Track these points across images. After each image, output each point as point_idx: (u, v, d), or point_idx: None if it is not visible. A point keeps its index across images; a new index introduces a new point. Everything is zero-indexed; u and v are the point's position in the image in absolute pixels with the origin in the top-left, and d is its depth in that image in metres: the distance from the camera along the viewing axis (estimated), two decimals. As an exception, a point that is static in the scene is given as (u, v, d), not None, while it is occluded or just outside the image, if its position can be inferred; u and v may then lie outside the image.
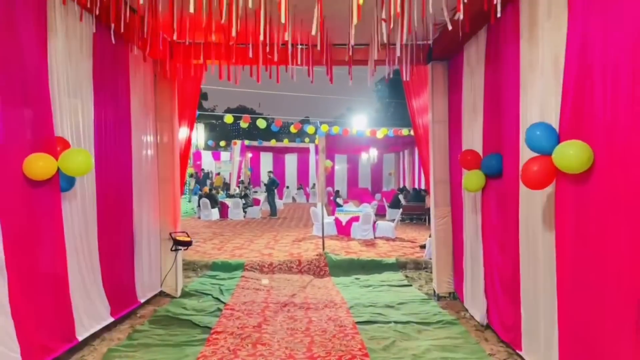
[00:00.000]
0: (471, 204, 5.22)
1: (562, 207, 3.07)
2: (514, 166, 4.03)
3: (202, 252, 9.66)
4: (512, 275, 4.14)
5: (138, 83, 5.61)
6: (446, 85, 6.06)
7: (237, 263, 8.14)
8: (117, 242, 5.10)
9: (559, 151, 2.93)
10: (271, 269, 8.04)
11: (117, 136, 5.08)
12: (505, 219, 4.27)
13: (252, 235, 12.17)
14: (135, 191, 5.50)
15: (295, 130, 13.55)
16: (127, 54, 5.31)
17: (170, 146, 6.12)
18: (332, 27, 5.67)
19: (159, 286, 6.18)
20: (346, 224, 12.27)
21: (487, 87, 4.67)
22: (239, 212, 16.32)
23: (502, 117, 4.30)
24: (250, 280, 7.26)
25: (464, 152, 4.77)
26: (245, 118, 11.68)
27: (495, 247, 4.52)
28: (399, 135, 14.56)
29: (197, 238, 11.69)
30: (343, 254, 9.36)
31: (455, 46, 5.57)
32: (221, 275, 7.60)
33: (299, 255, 9.15)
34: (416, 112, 6.60)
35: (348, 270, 8.05)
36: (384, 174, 27.80)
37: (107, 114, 4.85)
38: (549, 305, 3.42)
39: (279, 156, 27.08)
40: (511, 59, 4.07)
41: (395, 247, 10.26)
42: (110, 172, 4.91)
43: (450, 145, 5.99)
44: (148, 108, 5.92)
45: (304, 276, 7.79)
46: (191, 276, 7.56)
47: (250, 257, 9.07)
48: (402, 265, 8.24)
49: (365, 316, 5.32)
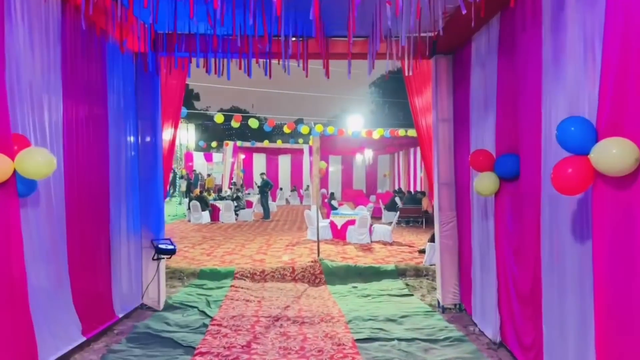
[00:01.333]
0: (481, 209, 4.78)
1: (600, 215, 2.62)
2: (534, 167, 3.59)
3: (190, 258, 9.16)
4: (532, 288, 3.70)
5: (116, 76, 5.12)
6: (451, 81, 5.63)
7: (227, 271, 7.65)
8: (91, 251, 4.60)
9: (598, 150, 2.50)
10: (263, 276, 7.56)
11: (91, 135, 4.59)
12: (524, 226, 3.83)
13: (244, 240, 11.68)
14: (113, 195, 5.00)
15: (289, 131, 13.08)
16: (104, 44, 4.82)
17: (152, 146, 5.63)
18: (328, 17, 5.23)
19: (139, 298, 5.68)
20: (342, 228, 11.81)
21: (501, 81, 4.23)
22: (230, 215, 15.81)
23: (519, 113, 3.87)
24: (240, 290, 6.77)
25: (475, 153, 4.32)
26: (237, 117, 11.19)
27: (510, 256, 4.08)
28: (395, 136, 14.13)
29: (186, 243, 11.20)
30: (339, 259, 8.90)
31: (462, 38, 5.14)
32: (209, 284, 7.10)
33: (293, 261, 8.67)
34: (419, 110, 6.16)
35: (345, 278, 7.59)
36: (378, 175, 27.43)
37: (79, 109, 4.36)
38: (581, 325, 2.98)
39: (272, 157, 26.59)
40: (531, 48, 3.64)
41: (393, 252, 9.82)
42: (83, 173, 4.41)
43: (455, 146, 5.55)
44: (128, 105, 5.42)
45: (298, 285, 7.31)
46: (177, 286, 7.05)
47: (241, 263, 8.59)
48: (402, 273, 7.79)
49: (365, 332, 4.86)
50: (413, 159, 21.68)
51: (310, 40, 5.54)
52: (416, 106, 6.14)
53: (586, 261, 2.88)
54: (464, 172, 5.22)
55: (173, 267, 7.76)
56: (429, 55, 5.73)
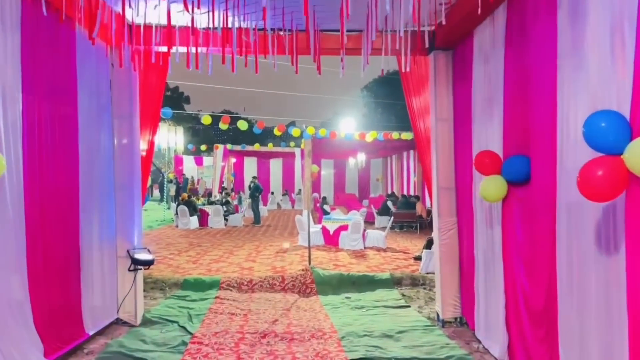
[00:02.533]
0: (485, 215, 4.41)
1: (636, 224, 2.25)
2: (548, 170, 3.22)
3: (174, 266, 8.69)
4: (546, 305, 3.33)
5: (88, 72, 4.68)
6: (451, 78, 5.26)
7: (212, 280, 7.20)
8: (56, 263, 4.14)
9: (634, 150, 2.13)
10: (250, 286, 7.12)
11: (57, 135, 4.14)
12: (535, 236, 3.46)
13: (233, 246, 11.22)
14: (84, 201, 4.56)
15: (280, 133, 12.66)
16: (73, 34, 4.39)
17: (129, 148, 5.19)
18: (318, 9, 4.85)
19: (114, 313, 5.22)
20: (334, 233, 11.41)
21: (508, 75, 3.87)
22: (219, 220, 15.33)
23: (530, 109, 3.50)
24: (225, 302, 6.32)
25: (480, 154, 3.95)
26: (225, 119, 10.77)
27: (520, 268, 3.70)
28: (389, 138, 13.76)
29: (172, 249, 10.73)
30: (331, 267, 8.49)
31: (462, 31, 4.78)
32: (192, 295, 6.65)
33: (283, 270, 8.24)
34: (416, 111, 5.78)
35: (337, 288, 7.18)
36: (371, 179, 27.07)
37: (43, 107, 3.92)
38: (608, 350, 2.60)
39: (264, 161, 26.14)
40: (544, 37, 3.28)
41: (387, 259, 9.43)
42: (47, 178, 3.97)
43: (456, 147, 5.18)
44: (102, 103, 4.99)
45: (287, 295, 6.88)
46: (158, 297, 6.59)
47: (229, 272, 8.14)
48: (398, 282, 7.40)
49: (359, 350, 4.44)
50: (406, 162, 21.36)
51: (300, 34, 5.15)
52: (413, 107, 5.76)
53: (615, 276, 2.51)
54: (466, 175, 4.85)
55: (155, 277, 7.31)
56: (426, 51, 5.37)
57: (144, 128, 5.40)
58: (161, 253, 10.19)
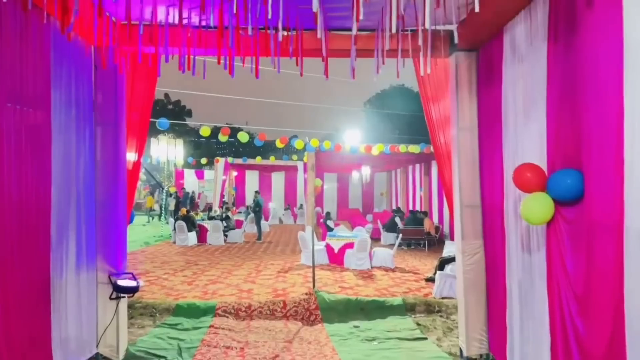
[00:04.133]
0: (521, 238, 3.79)
1: None
2: (610, 187, 2.63)
3: (168, 287, 8.07)
4: (608, 352, 2.70)
5: (66, 74, 4.13)
6: (474, 82, 4.70)
7: (207, 306, 6.56)
8: (19, 289, 3.52)
9: None
10: (249, 313, 6.48)
11: (24, 146, 3.57)
12: (593, 266, 2.84)
13: (231, 265, 10.59)
14: (57, 219, 3.96)
15: (282, 145, 12.11)
16: (48, 32, 3.85)
17: (113, 160, 4.61)
18: (327, 6, 4.33)
19: (93, 347, 4.59)
20: (339, 252, 10.78)
21: (552, 77, 3.29)
22: (219, 237, 14.70)
23: (584, 116, 2.92)
24: (220, 332, 5.68)
25: (521, 168, 3.34)
26: (224, 130, 10.24)
27: (572, 304, 3.08)
28: (396, 152, 13.18)
29: (167, 268, 10.10)
30: (337, 289, 7.86)
31: (489, 29, 4.23)
32: (184, 323, 6.01)
33: (284, 292, 7.61)
34: (435, 120, 5.20)
35: (345, 315, 6.53)
36: (375, 194, 26.45)
37: (4, 112, 3.35)
38: None
39: (265, 175, 25.59)
40: (603, 30, 2.71)
41: (397, 281, 8.78)
42: (9, 193, 3.38)
43: (481, 159, 4.59)
44: (83, 108, 4.43)
45: (290, 323, 6.24)
46: (146, 325, 5.95)
47: (226, 294, 7.52)
48: (411, 308, 6.74)
49: (374, 396, 3.81)
50: (412, 176, 20.78)
51: (305, 33, 4.61)
52: (432, 115, 5.19)
53: None
54: (495, 191, 4.25)
55: (145, 302, 6.68)
56: (447, 53, 4.82)
57: (131, 138, 4.83)
58: (155, 272, 9.57)
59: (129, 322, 5.98)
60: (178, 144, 17.57)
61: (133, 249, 13.47)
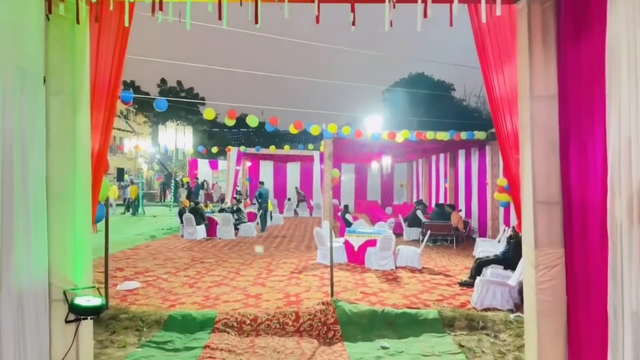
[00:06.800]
0: (636, 249, 2.58)
1: None
2: None
3: (165, 291, 7.07)
4: None
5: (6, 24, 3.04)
6: (553, 36, 3.46)
7: (205, 317, 5.49)
8: None
9: None
10: (254, 327, 5.39)
11: None
12: None
13: (240, 263, 9.55)
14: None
15: (296, 131, 10.96)
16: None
17: (70, 140, 3.51)
18: None
19: (47, 382, 3.54)
20: (359, 249, 9.64)
21: None
22: (229, 230, 13.67)
23: None
24: (217, 354, 4.60)
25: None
26: (231, 113, 9.15)
27: None
28: (422, 139, 11.90)
29: (169, 267, 9.11)
30: (359, 295, 6.75)
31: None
32: (176, 341, 4.95)
33: (297, 299, 6.52)
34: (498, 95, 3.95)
35: (369, 330, 5.41)
36: (395, 185, 25.16)
37: None
38: None
39: (280, 165, 24.47)
40: None
41: (427, 285, 7.62)
42: None
43: (565, 139, 3.37)
44: (26, 70, 3.33)
45: (303, 341, 5.13)
46: (129, 344, 4.89)
47: (230, 301, 6.48)
48: (449, 323, 5.56)
49: None
50: (435, 167, 19.46)
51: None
52: (494, 87, 3.94)
53: None
54: (589, 182, 3.03)
55: (133, 312, 5.65)
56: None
57: (96, 111, 3.72)
58: (155, 271, 8.59)
59: (108, 338, 4.98)
60: (187, 131, 16.60)
61: (138, 243, 12.58)
